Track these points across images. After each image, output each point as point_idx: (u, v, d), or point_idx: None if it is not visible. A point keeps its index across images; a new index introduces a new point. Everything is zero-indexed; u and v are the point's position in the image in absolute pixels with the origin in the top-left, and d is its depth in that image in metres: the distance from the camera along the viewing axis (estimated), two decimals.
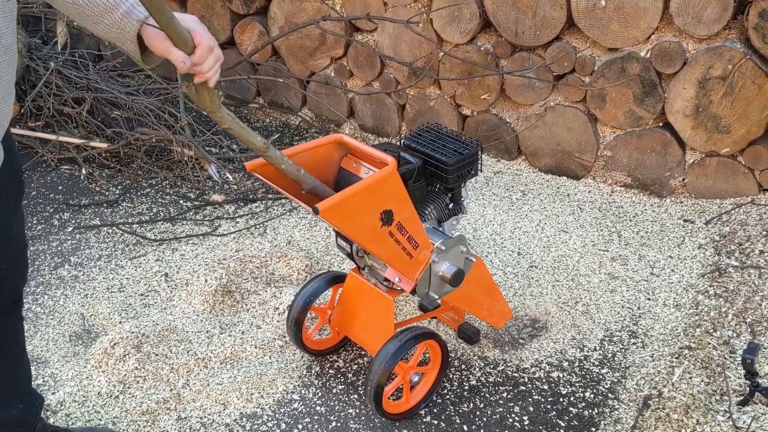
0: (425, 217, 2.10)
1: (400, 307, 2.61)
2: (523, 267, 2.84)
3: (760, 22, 2.78)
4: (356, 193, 1.67)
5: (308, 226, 3.16)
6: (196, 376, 2.30)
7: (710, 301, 2.54)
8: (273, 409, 2.20)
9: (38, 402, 1.93)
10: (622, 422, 2.12)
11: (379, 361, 2.02)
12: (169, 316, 2.58)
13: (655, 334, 2.46)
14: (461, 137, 2.11)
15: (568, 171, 3.50)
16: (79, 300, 2.70)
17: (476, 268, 2.15)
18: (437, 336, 2.13)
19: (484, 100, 3.54)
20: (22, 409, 1.85)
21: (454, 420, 2.15)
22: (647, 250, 2.92)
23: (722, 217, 3.03)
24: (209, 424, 2.14)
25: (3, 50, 1.34)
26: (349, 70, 3.91)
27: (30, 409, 1.89)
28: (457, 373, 2.33)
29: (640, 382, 2.26)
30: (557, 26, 3.19)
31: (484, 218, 3.18)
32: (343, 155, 1.96)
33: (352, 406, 2.21)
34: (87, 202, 3.38)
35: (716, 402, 2.10)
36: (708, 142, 3.09)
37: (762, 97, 2.89)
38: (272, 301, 2.62)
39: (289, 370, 2.33)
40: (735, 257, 2.74)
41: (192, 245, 3.04)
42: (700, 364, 2.25)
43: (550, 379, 2.30)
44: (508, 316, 2.37)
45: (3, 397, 1.82)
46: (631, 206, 3.25)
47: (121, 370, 2.31)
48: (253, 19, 4.09)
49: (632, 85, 3.13)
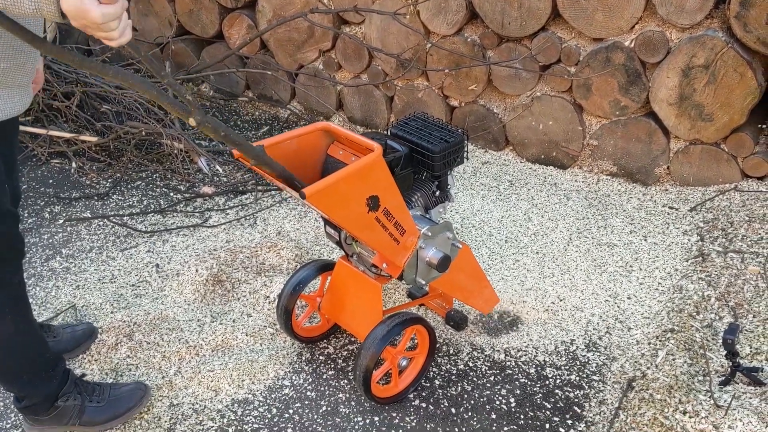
0: (412, 204, 2.13)
1: (389, 295, 2.65)
2: (511, 254, 2.88)
3: (741, 11, 2.82)
4: (342, 179, 1.70)
5: (298, 217, 3.19)
6: (187, 363, 2.33)
7: (693, 285, 2.58)
8: (264, 395, 2.23)
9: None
10: (607, 403, 2.16)
11: (367, 345, 2.05)
12: (161, 306, 2.60)
13: (639, 318, 2.50)
14: (447, 126, 2.15)
15: (555, 161, 3.54)
16: (71, 291, 2.72)
17: (463, 254, 2.19)
18: (424, 321, 2.17)
19: (472, 90, 3.57)
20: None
21: (442, 403, 2.19)
22: (632, 237, 2.96)
23: (706, 204, 3.08)
24: (201, 410, 2.17)
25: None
26: (338, 62, 3.93)
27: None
28: (445, 358, 2.36)
29: (625, 364, 2.30)
30: (543, 17, 3.22)
31: (472, 208, 3.22)
32: (330, 143, 1.99)
33: (342, 391, 2.24)
34: (78, 195, 3.40)
35: (698, 382, 2.14)
36: (692, 130, 3.13)
37: (744, 85, 2.93)
38: (263, 290, 2.65)
39: (280, 357, 2.36)
40: (718, 243, 2.79)
41: (183, 236, 3.07)
42: (683, 346, 2.30)
43: (536, 362, 2.34)
44: (495, 302, 2.41)
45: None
46: (617, 195, 3.29)
47: (114, 358, 2.33)
48: (241, 13, 4.11)
49: (617, 74, 3.17)
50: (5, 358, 1.86)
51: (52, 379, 1.96)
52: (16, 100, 1.65)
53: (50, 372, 1.95)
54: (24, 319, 1.87)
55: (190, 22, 4.31)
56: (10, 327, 1.82)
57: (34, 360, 1.91)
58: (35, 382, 1.93)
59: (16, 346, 1.86)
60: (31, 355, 1.90)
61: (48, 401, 1.97)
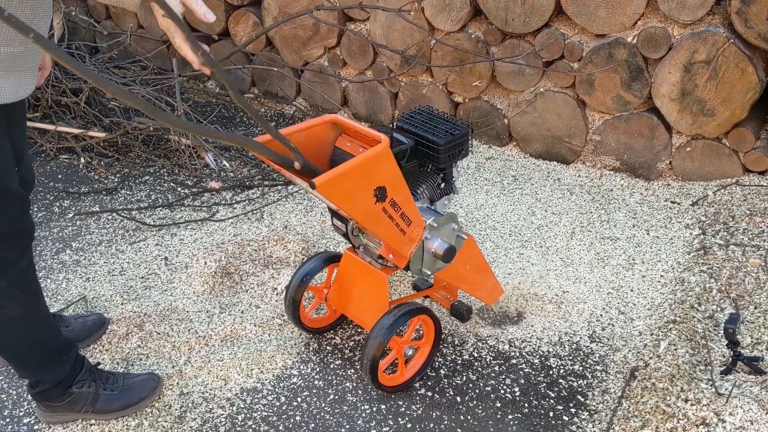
0: (418, 196, 2.17)
1: (394, 287, 2.69)
2: (515, 247, 2.91)
3: (742, 7, 2.85)
4: (351, 169, 1.73)
5: (304, 211, 3.23)
6: (197, 353, 2.37)
7: (695, 277, 2.62)
8: (272, 384, 2.27)
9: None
10: (610, 392, 2.20)
11: (374, 335, 2.09)
12: (170, 297, 2.64)
13: (642, 310, 2.54)
14: (452, 119, 2.18)
15: (558, 156, 3.57)
16: (81, 283, 2.76)
17: (468, 245, 2.22)
18: (430, 311, 2.20)
19: (476, 87, 3.61)
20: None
21: (448, 392, 2.23)
22: (635, 230, 3.00)
23: (708, 198, 3.11)
24: (211, 398, 2.21)
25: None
26: (343, 59, 3.97)
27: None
28: (450, 349, 2.40)
29: (628, 355, 2.34)
30: (546, 13, 3.26)
31: (476, 202, 3.26)
32: (338, 135, 2.02)
33: (349, 380, 2.28)
34: (86, 190, 3.45)
35: (700, 371, 2.18)
36: (694, 126, 3.16)
37: (745, 81, 2.97)
38: (270, 281, 2.69)
39: (288, 347, 2.40)
40: (720, 236, 2.82)
41: (191, 230, 3.11)
42: (685, 337, 2.33)
43: (540, 353, 2.38)
44: (500, 294, 2.45)
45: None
46: (620, 189, 3.33)
47: (125, 348, 2.38)
48: (247, 10, 4.15)
49: (619, 70, 3.20)
50: (13, 341, 1.89)
51: (64, 364, 1.99)
52: (26, 84, 1.70)
53: (62, 357, 1.99)
54: (32, 302, 1.90)
55: (196, 19, 4.34)
56: (17, 309, 1.85)
57: (44, 344, 1.94)
58: (47, 367, 1.96)
59: (25, 328, 1.89)
60: (40, 339, 1.93)
61: (61, 387, 2.01)
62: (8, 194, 1.76)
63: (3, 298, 1.83)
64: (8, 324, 1.87)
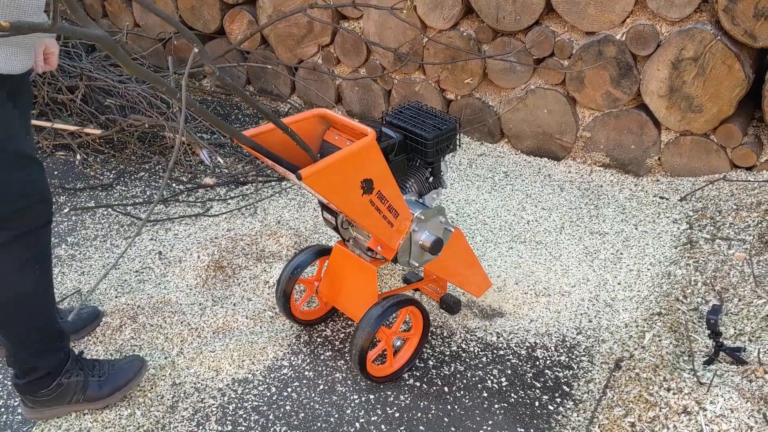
0: (406, 190, 2.21)
1: (384, 280, 2.72)
2: (505, 242, 2.95)
3: (729, 4, 2.89)
4: (337, 161, 1.77)
5: (297, 207, 3.26)
6: (189, 344, 2.41)
7: (681, 270, 2.66)
8: (263, 375, 2.31)
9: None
10: (595, 382, 2.23)
11: (362, 325, 2.13)
12: (164, 290, 2.68)
13: (628, 303, 2.57)
14: (440, 114, 2.22)
15: (549, 152, 3.61)
16: (76, 277, 2.80)
17: (456, 238, 2.26)
18: (418, 302, 2.24)
19: (468, 84, 3.65)
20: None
21: (436, 382, 2.27)
22: (623, 225, 3.03)
23: (695, 194, 3.15)
24: (203, 388, 2.25)
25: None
26: (336, 57, 4.01)
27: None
28: (438, 340, 2.44)
29: (613, 346, 2.37)
30: (536, 11, 3.29)
31: (467, 198, 3.29)
32: (326, 128, 2.06)
33: (339, 371, 2.32)
34: (82, 186, 3.48)
35: (683, 362, 2.22)
36: (682, 122, 3.20)
37: (732, 77, 3.01)
38: (262, 275, 2.73)
39: (279, 339, 2.44)
40: (707, 230, 2.86)
41: (185, 225, 3.14)
42: (670, 328, 2.37)
43: (527, 344, 2.42)
44: (488, 286, 2.48)
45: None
46: (609, 185, 3.37)
47: (118, 339, 2.41)
48: (242, 9, 4.19)
49: (609, 67, 3.24)
50: (19, 321, 1.92)
51: (59, 351, 2.03)
52: (18, 59, 1.74)
53: (59, 344, 2.02)
54: (44, 282, 1.94)
55: (192, 17, 4.39)
56: (30, 286, 1.88)
57: (45, 329, 1.98)
58: (43, 353, 1.99)
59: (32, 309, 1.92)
60: (44, 322, 1.97)
61: (50, 377, 2.03)
62: (29, 158, 1.81)
63: (22, 273, 1.86)
64: (18, 301, 1.89)
